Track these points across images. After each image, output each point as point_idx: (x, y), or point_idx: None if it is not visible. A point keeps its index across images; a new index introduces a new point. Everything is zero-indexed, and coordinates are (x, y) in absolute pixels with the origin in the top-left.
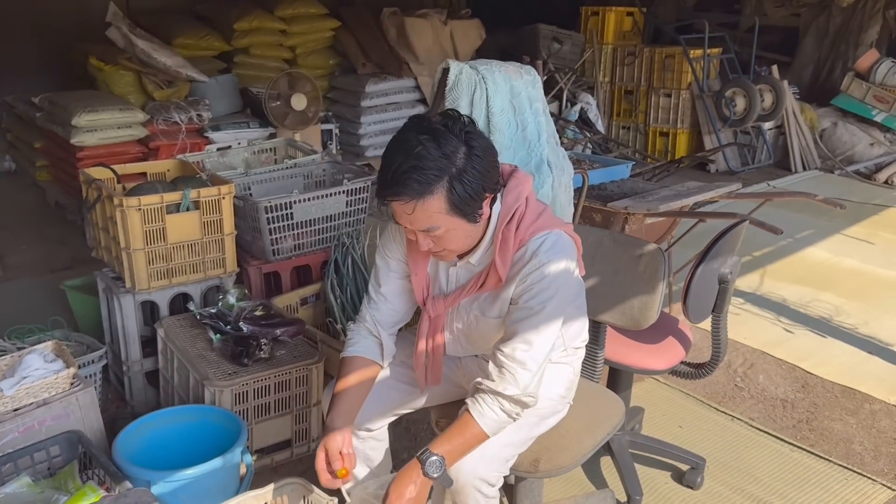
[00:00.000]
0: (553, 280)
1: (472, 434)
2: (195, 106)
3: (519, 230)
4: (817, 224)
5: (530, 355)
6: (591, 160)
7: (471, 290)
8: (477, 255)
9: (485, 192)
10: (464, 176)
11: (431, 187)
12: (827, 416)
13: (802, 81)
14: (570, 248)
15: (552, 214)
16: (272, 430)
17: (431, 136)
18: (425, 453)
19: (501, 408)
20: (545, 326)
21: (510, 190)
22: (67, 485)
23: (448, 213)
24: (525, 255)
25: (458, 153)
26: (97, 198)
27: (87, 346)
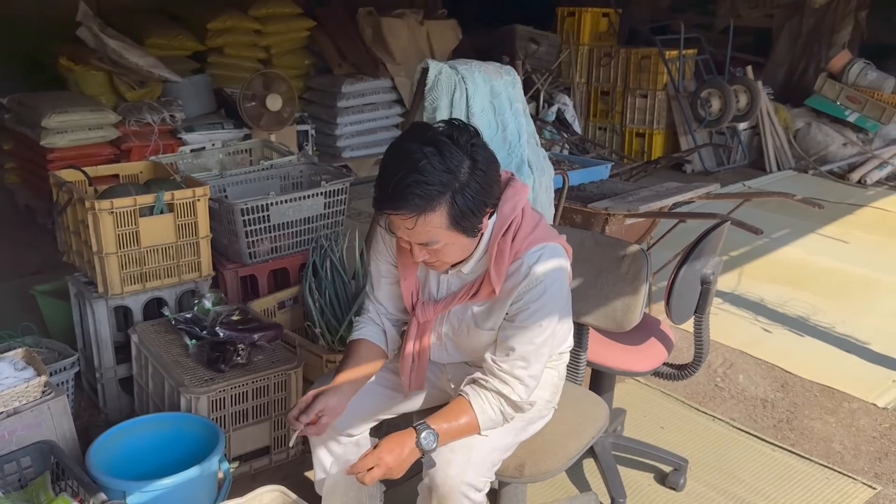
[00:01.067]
0: (550, 298)
1: (468, 424)
2: (168, 107)
3: (515, 242)
4: (792, 223)
5: (528, 373)
6: (570, 161)
7: (462, 298)
8: (469, 264)
9: (486, 207)
10: (466, 191)
11: (434, 203)
12: (807, 415)
13: (776, 82)
14: (564, 262)
15: (547, 225)
16: (250, 437)
17: (436, 149)
18: (422, 425)
19: (502, 410)
20: (542, 344)
21: (507, 199)
22: (39, 497)
23: (448, 228)
24: (521, 269)
25: (462, 167)
26: (68, 201)
27: (59, 353)
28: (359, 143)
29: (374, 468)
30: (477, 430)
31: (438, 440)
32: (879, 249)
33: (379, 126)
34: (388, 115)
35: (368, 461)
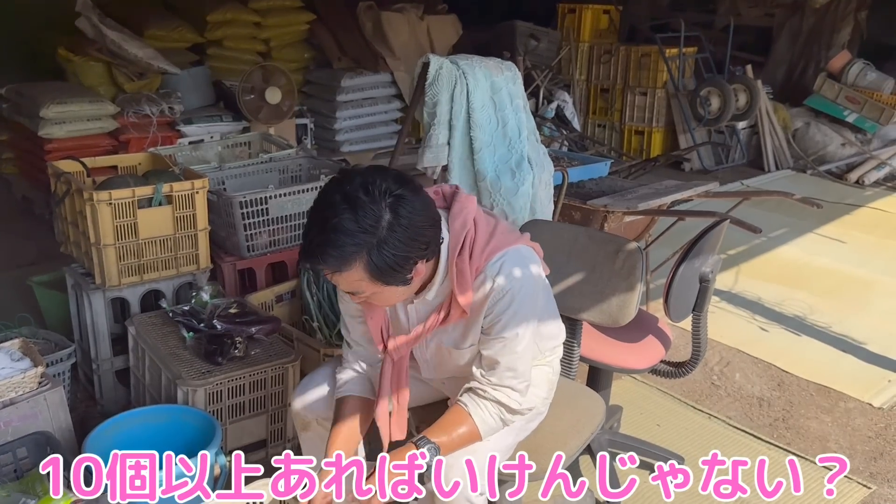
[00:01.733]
0: (521, 305)
1: (469, 433)
2: (167, 98)
3: (473, 258)
4: (790, 223)
5: (519, 380)
6: (569, 157)
7: (432, 326)
8: (432, 291)
9: (411, 261)
10: (385, 248)
11: (348, 261)
12: (803, 414)
13: (776, 81)
14: (528, 262)
15: (506, 228)
16: (247, 431)
17: (349, 206)
18: (422, 440)
19: (501, 417)
20: (524, 349)
21: (455, 216)
22: (35, 488)
23: (371, 281)
24: (485, 284)
25: (379, 224)
26: (66, 192)
27: (56, 344)
28: (358, 137)
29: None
30: (478, 438)
31: (439, 451)
32: (877, 250)
33: (378, 121)
34: (388, 110)
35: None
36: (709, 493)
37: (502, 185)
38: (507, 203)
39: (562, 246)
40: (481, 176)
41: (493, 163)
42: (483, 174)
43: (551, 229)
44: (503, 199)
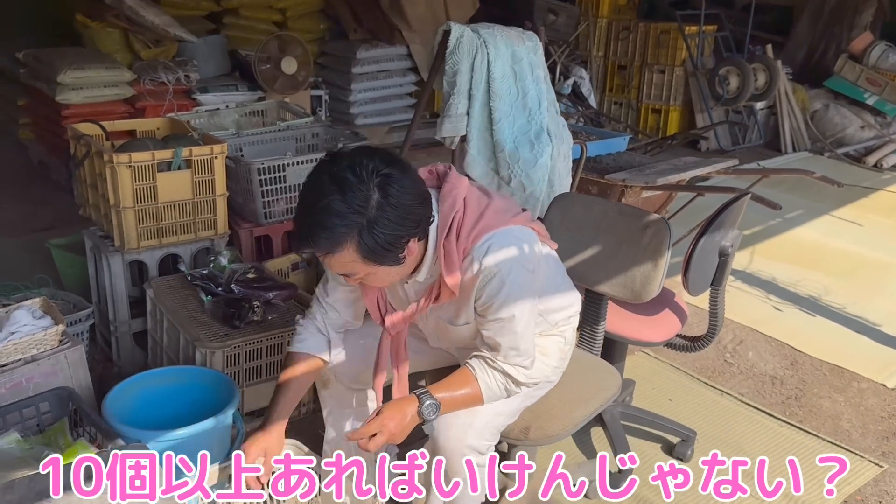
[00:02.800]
0: (512, 287)
1: (472, 396)
2: (183, 66)
3: (460, 239)
4: (807, 205)
5: (523, 358)
6: (587, 132)
7: (424, 306)
8: (422, 272)
9: (403, 239)
10: (375, 227)
11: (339, 243)
12: (815, 393)
13: (795, 62)
14: (520, 242)
15: (499, 207)
16: (263, 394)
17: (338, 188)
18: (425, 394)
19: (507, 387)
20: (523, 329)
21: (445, 196)
22: (58, 441)
23: (363, 262)
24: (472, 266)
25: (368, 203)
26: (86, 154)
27: (74, 305)
28: (372, 110)
29: (377, 435)
30: (480, 402)
31: (440, 410)
32: (894, 233)
33: (393, 94)
34: (403, 84)
35: (372, 427)
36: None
37: (520, 156)
38: (524, 174)
39: (592, 220)
40: (500, 146)
41: (512, 133)
42: (501, 145)
43: (582, 203)
44: (521, 171)
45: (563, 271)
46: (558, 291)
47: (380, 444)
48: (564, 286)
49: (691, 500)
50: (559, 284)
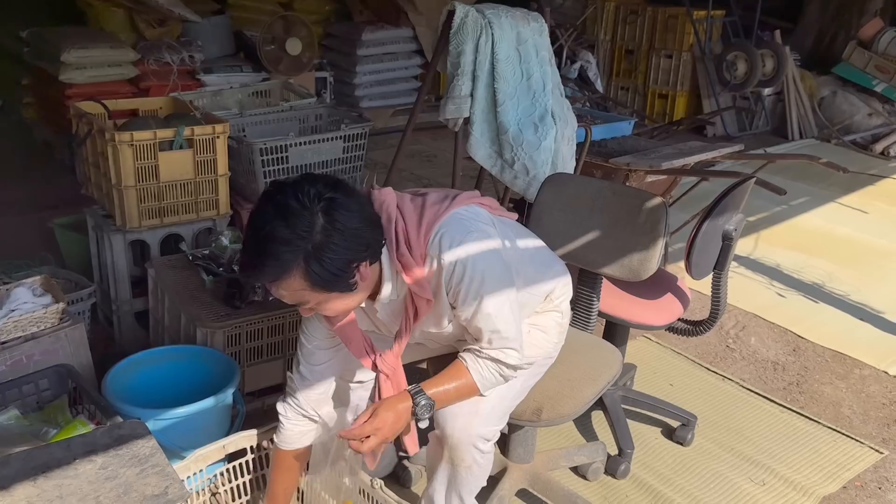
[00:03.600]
0: (477, 272)
1: (467, 388)
2: (187, 47)
3: (412, 245)
4: (812, 191)
5: (509, 342)
6: (592, 115)
7: (408, 329)
8: (386, 292)
9: (353, 264)
10: (322, 253)
11: (285, 269)
12: (817, 379)
13: (804, 48)
14: (472, 222)
15: (435, 199)
16: (264, 374)
17: (281, 215)
18: (419, 393)
19: (501, 373)
20: (505, 314)
21: (378, 214)
22: (57, 418)
23: (312, 290)
24: (433, 266)
25: (314, 228)
26: (88, 132)
27: (76, 284)
28: (377, 92)
29: (370, 437)
30: (476, 392)
31: (434, 407)
32: None
33: (398, 76)
34: (408, 66)
35: (366, 429)
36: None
37: (524, 138)
38: (528, 157)
39: (585, 200)
40: (503, 129)
41: (517, 116)
42: (505, 127)
43: (575, 183)
44: (525, 154)
45: (535, 244)
46: (536, 267)
47: (373, 447)
48: (542, 261)
49: (689, 483)
50: (536, 259)
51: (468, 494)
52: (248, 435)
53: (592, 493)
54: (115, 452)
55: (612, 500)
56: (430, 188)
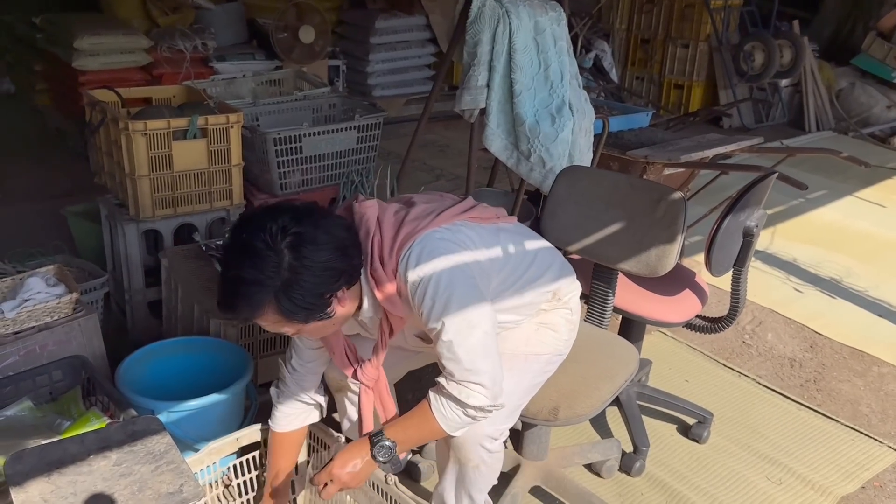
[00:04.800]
0: (435, 290)
1: (431, 429)
2: (200, 34)
3: (385, 261)
4: (830, 185)
5: (480, 378)
6: (609, 106)
7: (384, 343)
8: (364, 308)
9: (325, 296)
10: (292, 291)
11: (257, 307)
12: (835, 377)
13: (822, 39)
14: (441, 246)
15: (418, 214)
16: (276, 366)
17: (246, 257)
18: (378, 436)
19: (465, 413)
20: (461, 334)
21: (357, 227)
22: (70, 410)
23: (289, 323)
24: (401, 284)
25: (280, 267)
26: (101, 121)
27: (89, 273)
28: (390, 81)
29: (328, 484)
30: (441, 433)
31: (395, 450)
32: None
33: (411, 65)
34: (421, 55)
35: (322, 477)
36: (733, 449)
37: (541, 130)
38: (544, 149)
39: (601, 193)
40: (520, 120)
41: (533, 107)
42: (522, 118)
43: (591, 175)
44: (541, 145)
45: (542, 245)
46: (548, 267)
47: (332, 494)
48: (551, 259)
49: (704, 481)
50: (546, 260)
51: (478, 492)
52: (262, 428)
53: (607, 490)
54: (129, 448)
55: (626, 498)
56: (422, 195)
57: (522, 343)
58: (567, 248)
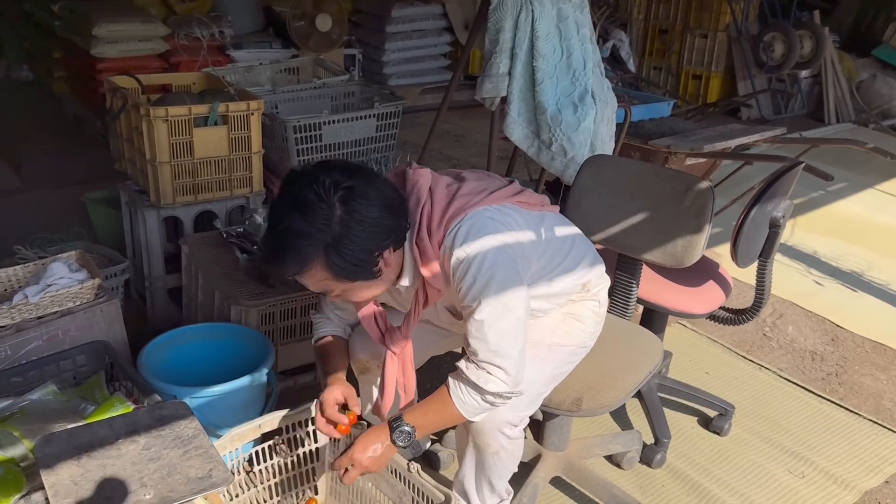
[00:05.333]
0: (485, 274)
1: (450, 414)
2: (217, 22)
3: (432, 232)
4: (851, 178)
5: (494, 351)
6: (630, 96)
7: (417, 313)
8: (406, 277)
9: (374, 254)
10: (341, 244)
11: (306, 262)
12: (857, 370)
13: (843, 29)
14: (490, 224)
15: (469, 190)
16: (297, 353)
17: (297, 208)
18: (397, 420)
19: (483, 399)
20: (494, 316)
21: (409, 194)
22: (94, 394)
23: (335, 280)
24: (445, 257)
25: (332, 220)
26: (122, 107)
27: (109, 259)
28: (406, 70)
29: (349, 469)
30: (460, 419)
31: (414, 434)
32: None
33: (427, 54)
34: (437, 44)
35: (343, 462)
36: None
37: (563, 119)
38: (566, 138)
39: (625, 183)
40: (541, 108)
41: (555, 95)
42: (544, 107)
43: (615, 165)
44: (563, 134)
45: (578, 234)
46: (582, 257)
47: (353, 479)
48: (585, 250)
49: (726, 473)
50: (581, 250)
51: (498, 480)
52: (283, 414)
53: (628, 482)
54: (157, 433)
55: (647, 490)
56: (471, 171)
57: (548, 333)
58: (592, 238)
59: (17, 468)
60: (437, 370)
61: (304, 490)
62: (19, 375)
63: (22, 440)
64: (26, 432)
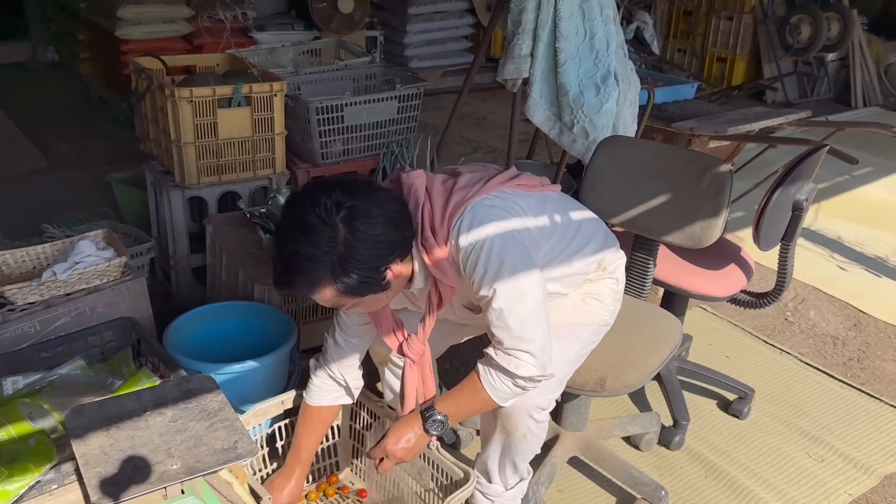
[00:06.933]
0: (488, 256)
1: (482, 401)
2: (240, 4)
3: (436, 230)
4: (877, 162)
5: (519, 337)
6: (653, 77)
7: (432, 314)
8: (418, 280)
9: (381, 269)
10: (348, 264)
11: (315, 283)
12: (879, 356)
13: (872, 11)
14: (491, 210)
15: (465, 183)
16: (318, 333)
17: (301, 233)
18: (430, 410)
19: (515, 383)
20: (512, 301)
21: (406, 198)
22: (121, 369)
23: (346, 296)
24: (452, 251)
25: (335, 242)
26: (147, 88)
27: (135, 238)
28: (427, 52)
29: (384, 460)
30: (492, 405)
31: (447, 423)
32: None
33: (448, 36)
34: (459, 25)
35: (377, 452)
36: (774, 426)
37: (585, 100)
38: (588, 120)
39: (643, 164)
40: (564, 90)
41: (578, 77)
42: (566, 88)
43: (633, 146)
44: (585, 116)
45: (587, 215)
46: (592, 236)
47: (388, 469)
48: (595, 229)
49: (745, 456)
50: (590, 230)
51: (522, 461)
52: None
53: (646, 463)
54: (184, 406)
55: (665, 471)
56: (465, 166)
57: (570, 313)
58: (608, 220)
59: (47, 439)
60: (457, 350)
61: (325, 465)
62: (48, 350)
63: (52, 412)
64: (56, 405)
